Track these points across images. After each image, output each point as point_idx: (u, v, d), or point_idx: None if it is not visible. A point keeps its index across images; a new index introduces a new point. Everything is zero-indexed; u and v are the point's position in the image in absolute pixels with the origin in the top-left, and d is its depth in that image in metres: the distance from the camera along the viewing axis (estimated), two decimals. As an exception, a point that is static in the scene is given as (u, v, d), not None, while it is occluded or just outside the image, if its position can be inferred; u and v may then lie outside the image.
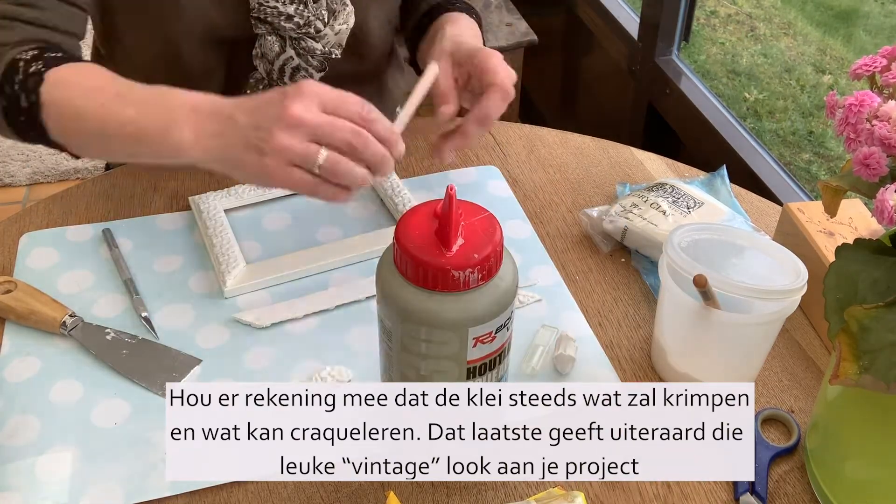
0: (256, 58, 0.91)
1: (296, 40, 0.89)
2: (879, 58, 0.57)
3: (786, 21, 2.33)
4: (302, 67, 0.91)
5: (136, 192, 0.91)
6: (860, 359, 0.51)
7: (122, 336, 0.73)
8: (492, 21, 2.08)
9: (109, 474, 0.64)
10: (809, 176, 1.90)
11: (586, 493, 0.63)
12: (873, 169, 0.53)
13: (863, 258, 0.55)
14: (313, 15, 0.88)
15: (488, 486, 0.64)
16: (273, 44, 0.89)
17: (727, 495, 0.64)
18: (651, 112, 1.76)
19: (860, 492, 0.60)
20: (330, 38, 0.91)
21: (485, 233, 0.54)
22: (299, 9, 0.87)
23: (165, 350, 0.73)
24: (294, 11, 0.87)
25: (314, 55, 0.90)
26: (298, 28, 0.88)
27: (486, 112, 0.77)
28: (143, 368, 0.71)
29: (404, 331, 0.55)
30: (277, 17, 0.87)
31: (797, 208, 0.80)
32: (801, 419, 0.69)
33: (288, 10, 0.87)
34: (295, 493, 0.63)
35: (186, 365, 0.72)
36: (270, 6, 0.86)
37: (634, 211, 0.83)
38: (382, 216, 0.89)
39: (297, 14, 0.87)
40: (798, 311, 0.78)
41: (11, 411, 0.68)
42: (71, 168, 2.31)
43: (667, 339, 0.70)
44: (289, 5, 0.87)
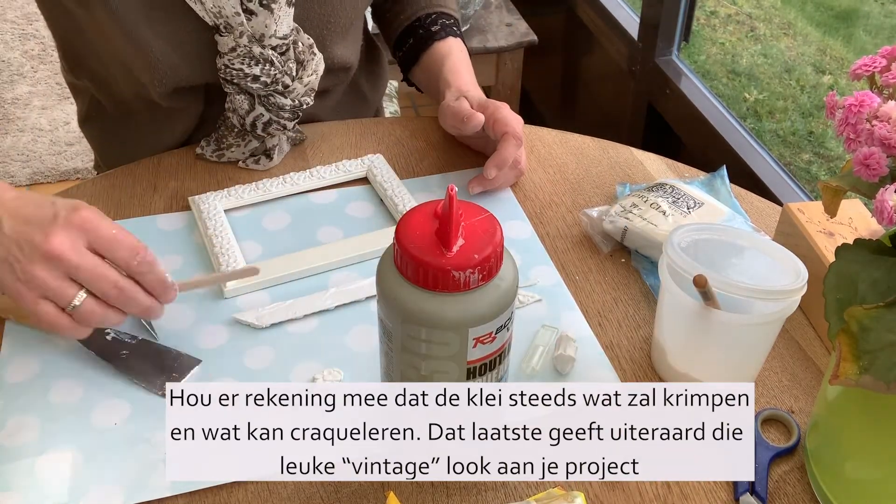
0: (228, 111, 0.91)
1: (264, 97, 0.89)
2: (879, 58, 0.57)
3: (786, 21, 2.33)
4: (273, 121, 0.90)
5: (136, 192, 0.91)
6: (860, 359, 0.51)
7: (122, 336, 0.73)
8: (492, 21, 2.08)
9: (109, 474, 0.64)
10: (809, 176, 1.91)
11: (586, 493, 0.63)
12: (873, 169, 0.53)
13: (863, 258, 0.55)
14: (280, 72, 0.87)
15: (488, 486, 0.64)
16: (242, 102, 0.89)
17: (727, 495, 0.64)
18: (651, 112, 1.76)
19: (860, 492, 0.60)
20: (299, 90, 0.90)
21: (485, 233, 0.54)
22: (265, 69, 0.86)
23: (165, 350, 0.73)
24: (260, 72, 0.86)
25: (284, 109, 0.90)
26: (265, 87, 0.87)
27: (503, 156, 0.86)
28: (142, 369, 0.71)
29: (404, 331, 0.55)
30: (243, 78, 0.86)
31: (797, 208, 0.80)
32: (801, 419, 0.69)
33: (253, 71, 0.86)
34: (295, 493, 0.63)
35: (186, 365, 0.71)
36: (235, 69, 0.86)
37: (634, 211, 0.83)
38: (382, 216, 0.89)
39: (264, 74, 0.86)
40: (798, 311, 0.78)
41: (11, 411, 0.68)
42: (71, 168, 2.31)
43: (667, 339, 0.70)
44: (254, 67, 0.86)
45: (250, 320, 0.75)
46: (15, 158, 2.33)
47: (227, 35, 0.85)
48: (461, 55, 1.01)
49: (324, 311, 0.77)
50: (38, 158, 2.33)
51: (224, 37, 0.85)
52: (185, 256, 0.83)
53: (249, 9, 0.84)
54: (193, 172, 0.94)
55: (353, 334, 0.75)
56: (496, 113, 0.88)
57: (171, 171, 0.94)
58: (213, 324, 0.76)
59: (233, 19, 0.84)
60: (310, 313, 0.77)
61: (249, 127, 0.90)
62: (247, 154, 0.94)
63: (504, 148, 0.87)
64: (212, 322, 0.76)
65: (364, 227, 0.87)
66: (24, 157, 2.33)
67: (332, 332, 0.75)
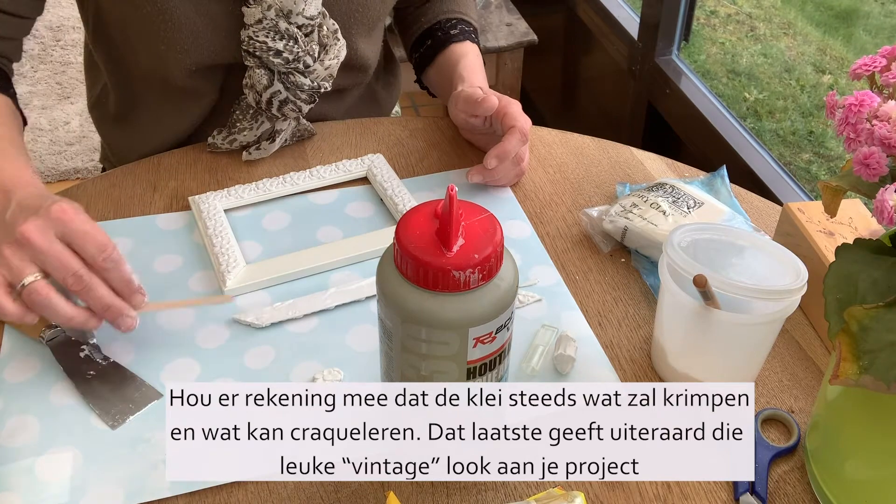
0: (246, 87, 0.91)
1: (284, 75, 0.89)
2: (879, 58, 0.57)
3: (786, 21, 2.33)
4: (290, 100, 0.90)
5: (136, 191, 0.91)
6: (860, 359, 0.51)
7: (96, 356, 0.72)
8: (492, 21, 2.08)
9: (109, 475, 0.64)
10: (809, 176, 1.91)
11: (586, 493, 0.63)
12: (873, 169, 0.53)
13: (863, 258, 0.55)
14: (303, 51, 0.88)
15: (488, 486, 0.64)
16: (261, 77, 0.89)
17: (727, 495, 0.64)
18: (651, 112, 1.76)
19: (860, 492, 0.60)
20: (319, 72, 0.90)
21: (485, 233, 0.54)
22: (289, 45, 0.87)
23: (131, 378, 0.71)
24: (283, 47, 0.86)
25: (302, 89, 0.90)
26: (287, 63, 0.87)
27: (506, 148, 0.86)
28: (101, 394, 0.69)
29: (404, 331, 0.55)
30: (266, 52, 0.87)
31: (797, 208, 0.80)
32: (801, 419, 0.69)
33: (277, 45, 0.86)
34: (295, 493, 0.63)
35: (146, 397, 0.69)
36: (259, 41, 0.86)
37: (634, 211, 0.83)
38: (382, 216, 0.89)
39: (287, 50, 0.87)
40: (798, 311, 0.78)
41: (11, 412, 0.68)
42: (71, 168, 2.31)
43: (667, 339, 0.70)
44: (278, 41, 0.86)
45: (250, 320, 0.75)
46: (15, 158, 2.33)
47: (254, 6, 0.86)
48: (476, 59, 1.02)
49: (324, 310, 0.77)
50: (38, 158, 2.33)
51: (252, 7, 0.86)
52: (184, 256, 0.83)
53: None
54: (193, 172, 0.94)
55: (353, 334, 0.75)
56: (507, 108, 0.88)
57: (171, 170, 0.94)
58: (213, 324, 0.76)
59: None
60: (310, 313, 0.77)
61: (265, 105, 0.90)
62: (257, 137, 0.94)
63: (508, 140, 0.87)
64: (212, 322, 0.76)
65: (364, 227, 0.87)
66: (24, 157, 2.33)
67: (332, 332, 0.75)
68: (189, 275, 0.81)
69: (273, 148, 0.94)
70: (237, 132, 0.94)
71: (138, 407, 0.69)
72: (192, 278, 0.80)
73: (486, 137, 0.94)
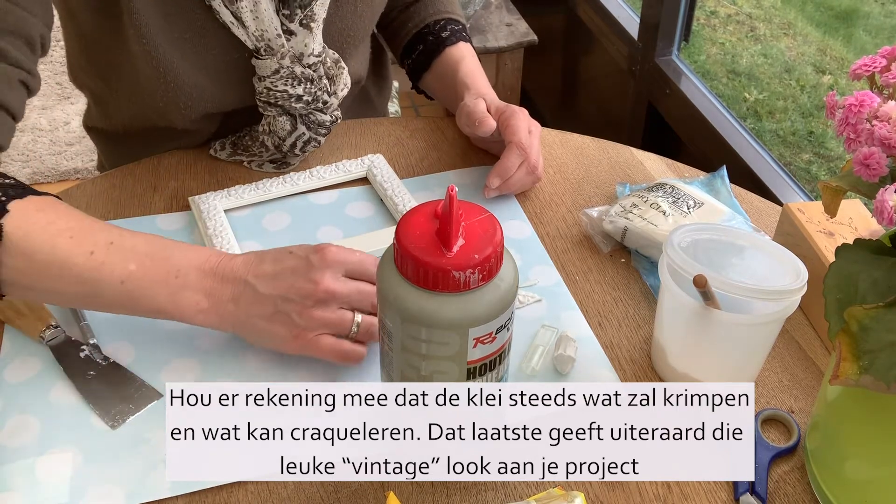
0: (264, 133, 0.90)
1: (304, 116, 0.89)
2: (879, 58, 0.57)
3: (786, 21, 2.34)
4: (312, 139, 0.91)
5: (136, 192, 0.91)
6: (860, 359, 0.51)
7: (96, 356, 0.72)
8: (492, 21, 2.08)
9: (110, 475, 0.64)
10: (809, 176, 1.91)
11: (586, 493, 0.63)
12: (873, 169, 0.53)
13: (863, 258, 0.55)
14: (319, 89, 0.88)
15: (488, 486, 0.64)
16: (284, 123, 0.88)
17: (727, 495, 0.64)
18: (651, 112, 1.76)
19: (860, 492, 0.60)
20: (334, 105, 0.91)
21: (485, 233, 0.54)
22: (307, 87, 0.87)
23: (131, 378, 0.71)
24: (303, 91, 0.87)
25: (324, 126, 0.91)
26: (307, 105, 0.88)
27: (504, 166, 0.87)
28: (101, 394, 0.69)
29: (404, 331, 0.55)
30: (287, 99, 0.86)
31: (797, 208, 0.80)
32: (801, 419, 0.69)
33: (297, 91, 0.86)
34: (295, 493, 0.63)
35: (146, 397, 0.69)
36: (279, 91, 0.86)
37: (634, 211, 0.83)
38: (382, 216, 0.89)
39: (306, 93, 0.87)
40: (798, 311, 0.78)
41: (11, 411, 0.68)
42: (71, 168, 2.31)
43: (667, 339, 0.70)
44: (297, 87, 0.86)
45: None
46: (15, 158, 2.33)
47: (267, 57, 0.85)
48: (473, 60, 1.01)
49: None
50: (38, 158, 2.33)
51: (264, 59, 0.85)
52: (185, 256, 0.83)
53: (290, 29, 0.84)
54: (193, 172, 0.94)
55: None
56: (510, 119, 0.88)
57: (171, 170, 0.94)
58: (213, 324, 0.76)
59: (274, 41, 0.84)
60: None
61: (288, 148, 0.90)
62: (263, 162, 0.94)
63: (506, 157, 0.87)
64: (212, 322, 0.76)
65: (364, 227, 0.87)
66: (24, 157, 2.33)
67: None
68: (189, 275, 0.81)
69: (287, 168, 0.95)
70: (242, 153, 0.94)
71: (138, 407, 0.69)
72: (192, 278, 0.80)
73: (497, 144, 0.94)
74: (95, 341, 0.73)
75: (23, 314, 0.74)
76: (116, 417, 0.67)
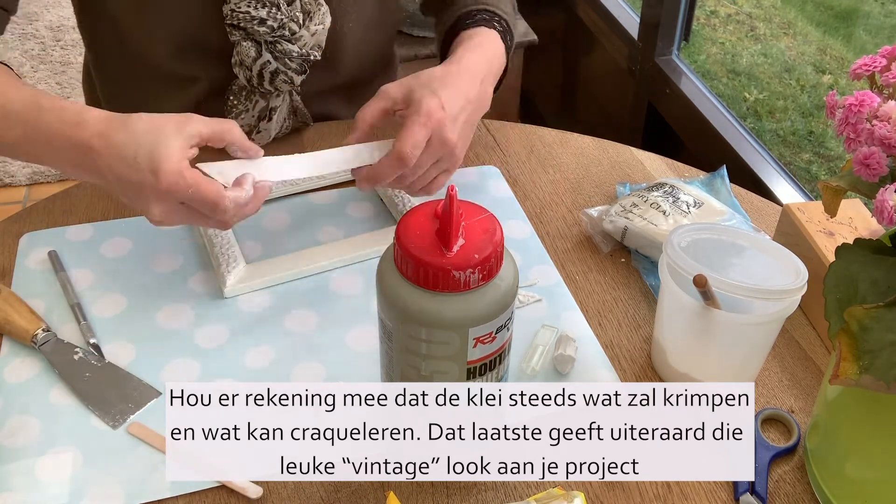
0: (236, 65, 0.90)
1: (271, 44, 0.88)
2: (879, 58, 0.57)
3: (786, 21, 2.33)
4: (280, 71, 0.90)
5: (136, 192, 0.91)
6: (860, 359, 0.51)
7: (90, 357, 0.72)
8: (492, 21, 2.08)
9: (109, 475, 0.64)
10: (809, 176, 1.90)
11: (586, 493, 0.63)
12: (873, 169, 0.53)
13: (863, 258, 0.55)
14: (287, 17, 0.87)
15: (488, 486, 0.64)
16: (249, 49, 0.88)
17: (727, 495, 0.64)
18: (651, 112, 1.76)
19: (860, 492, 0.60)
20: (306, 38, 0.89)
21: (485, 233, 0.54)
22: (272, 12, 0.86)
23: (128, 378, 0.71)
24: (267, 15, 0.86)
25: (291, 58, 0.89)
26: (272, 31, 0.87)
27: (374, 171, 0.77)
28: (99, 394, 0.69)
29: (405, 331, 0.55)
30: (250, 21, 0.86)
31: (797, 208, 0.80)
32: (801, 419, 0.69)
33: (260, 13, 0.85)
34: (295, 493, 0.63)
35: (145, 396, 0.69)
36: (242, 11, 0.85)
37: (634, 211, 0.83)
38: (382, 216, 0.89)
39: (270, 17, 0.86)
40: (798, 311, 0.78)
41: (11, 412, 0.68)
42: (71, 168, 2.31)
43: (667, 339, 0.70)
44: (261, 9, 0.85)
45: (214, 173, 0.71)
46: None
47: None
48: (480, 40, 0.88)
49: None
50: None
51: None
52: (185, 256, 0.83)
53: None
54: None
55: (353, 334, 0.75)
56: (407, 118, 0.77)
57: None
58: (213, 324, 0.76)
59: None
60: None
61: (256, 79, 0.90)
62: (255, 118, 0.93)
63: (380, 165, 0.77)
64: (212, 322, 0.76)
65: (364, 227, 0.87)
66: (24, 157, 2.33)
67: (332, 332, 0.75)
68: (189, 275, 0.81)
69: (273, 129, 0.94)
70: (234, 117, 0.94)
71: (138, 406, 0.69)
72: (192, 278, 0.80)
73: None
74: (95, 340, 0.73)
75: (10, 321, 0.73)
76: (117, 417, 0.67)
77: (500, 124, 1.03)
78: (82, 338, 0.74)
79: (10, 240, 0.85)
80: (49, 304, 0.77)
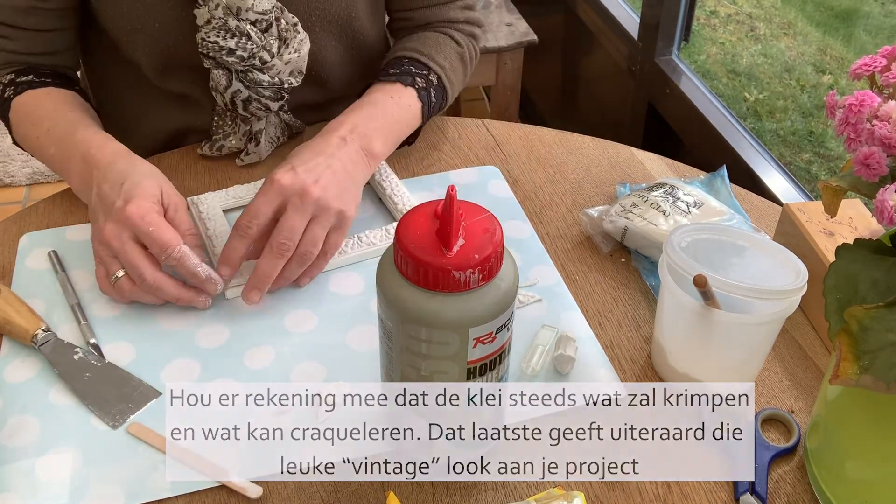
0: (213, 90, 0.90)
1: (242, 73, 0.88)
2: (879, 58, 0.57)
3: (786, 21, 2.33)
4: (254, 98, 0.89)
5: (136, 192, 0.91)
6: (860, 359, 0.51)
7: (90, 357, 0.72)
8: (492, 21, 2.08)
9: (109, 475, 0.64)
10: (809, 176, 1.90)
11: (586, 493, 0.63)
12: (873, 169, 0.53)
13: (863, 258, 0.55)
14: (258, 46, 0.86)
15: (488, 486, 0.64)
16: (220, 77, 0.88)
17: (727, 495, 0.64)
18: (651, 112, 1.76)
19: (860, 492, 0.60)
20: (279, 67, 0.88)
21: (485, 233, 0.54)
22: (241, 42, 0.85)
23: (128, 378, 0.71)
24: (235, 45, 0.85)
25: (262, 86, 0.89)
26: (242, 61, 0.86)
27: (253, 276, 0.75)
28: (99, 394, 0.69)
29: (405, 331, 0.55)
30: (218, 51, 0.85)
31: (797, 208, 0.80)
32: (801, 419, 0.69)
33: (229, 44, 0.85)
34: (295, 493, 0.63)
35: (145, 396, 0.69)
36: (210, 41, 0.85)
37: (634, 211, 0.83)
38: (382, 216, 0.89)
39: (240, 48, 0.85)
40: (798, 311, 0.78)
41: (11, 412, 0.68)
42: (71, 168, 2.31)
43: (667, 339, 0.70)
44: (229, 39, 0.85)
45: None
46: (15, 158, 2.33)
47: (203, 7, 0.85)
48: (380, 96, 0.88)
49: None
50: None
51: (201, 9, 0.85)
52: (185, 256, 0.83)
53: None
54: (193, 172, 0.94)
55: (352, 334, 0.75)
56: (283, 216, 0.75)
57: (170, 171, 0.94)
58: (213, 324, 0.76)
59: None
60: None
61: (230, 104, 0.90)
62: (243, 140, 0.93)
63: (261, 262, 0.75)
64: (212, 322, 0.76)
65: (364, 227, 0.87)
66: (25, 157, 2.33)
67: (332, 332, 0.75)
68: (189, 275, 0.81)
69: (263, 150, 0.94)
70: (221, 138, 0.94)
71: (138, 406, 0.69)
72: (192, 278, 0.80)
73: None
74: (95, 340, 0.73)
75: (10, 321, 0.73)
76: (117, 417, 0.67)
77: (500, 124, 1.03)
78: (82, 338, 0.74)
79: (10, 240, 0.85)
80: (49, 304, 0.77)
